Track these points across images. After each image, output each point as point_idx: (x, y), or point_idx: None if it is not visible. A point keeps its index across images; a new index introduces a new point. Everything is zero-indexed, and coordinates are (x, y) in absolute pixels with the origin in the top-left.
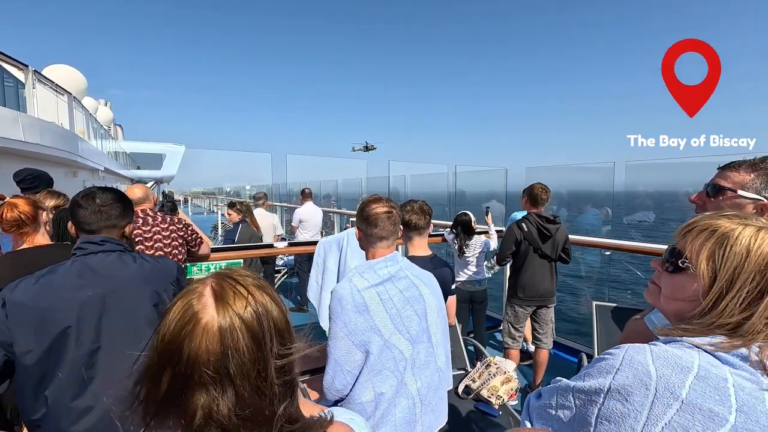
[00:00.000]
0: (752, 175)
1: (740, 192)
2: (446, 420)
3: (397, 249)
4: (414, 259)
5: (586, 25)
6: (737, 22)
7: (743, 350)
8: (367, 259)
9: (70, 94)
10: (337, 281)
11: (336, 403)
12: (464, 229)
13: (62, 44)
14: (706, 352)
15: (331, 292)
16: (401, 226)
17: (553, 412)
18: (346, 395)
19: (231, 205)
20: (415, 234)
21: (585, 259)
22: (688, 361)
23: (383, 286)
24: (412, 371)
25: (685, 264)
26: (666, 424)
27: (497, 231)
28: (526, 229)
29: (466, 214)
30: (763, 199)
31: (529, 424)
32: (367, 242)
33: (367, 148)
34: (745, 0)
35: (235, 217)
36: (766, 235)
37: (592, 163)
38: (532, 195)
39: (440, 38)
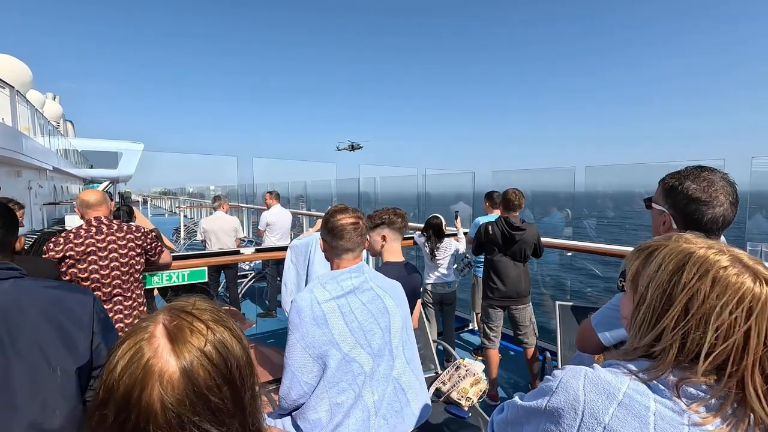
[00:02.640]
0: (659, 188)
1: (653, 204)
2: None
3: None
4: (389, 265)
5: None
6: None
7: (671, 378)
8: (331, 269)
9: (12, 87)
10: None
11: (291, 413)
12: (435, 233)
13: (3, 32)
14: (638, 378)
15: (291, 302)
16: (382, 227)
17: (505, 427)
18: (302, 403)
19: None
20: (392, 234)
21: (547, 259)
22: (616, 388)
23: (345, 299)
24: (370, 384)
25: (622, 283)
26: None
27: (465, 233)
28: (491, 232)
29: (438, 218)
30: (665, 210)
31: None
32: (332, 254)
33: (353, 147)
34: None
35: None
36: (680, 253)
37: (555, 167)
38: (505, 199)
39: (409, 46)
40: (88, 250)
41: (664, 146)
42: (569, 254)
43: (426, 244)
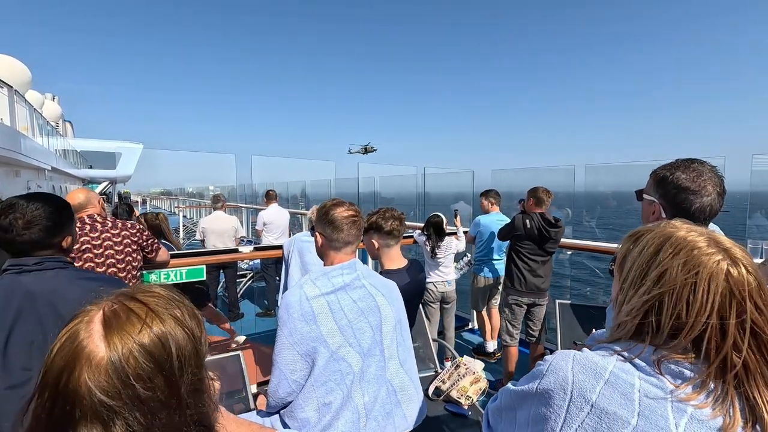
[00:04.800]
0: (650, 179)
1: (644, 195)
2: None
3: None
4: (389, 273)
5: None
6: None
7: (653, 357)
8: (324, 266)
9: (11, 87)
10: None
11: (279, 411)
12: (436, 231)
13: (2, 33)
14: (623, 358)
15: (281, 299)
16: (370, 233)
17: (500, 414)
18: (290, 402)
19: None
20: (393, 241)
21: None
22: (602, 367)
23: (335, 295)
24: (360, 385)
25: (611, 267)
26: (579, 425)
27: (465, 232)
28: (528, 227)
29: (438, 216)
30: (654, 200)
31: (486, 427)
32: (329, 247)
33: (366, 150)
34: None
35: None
36: (662, 236)
37: (555, 165)
38: (537, 197)
39: (408, 45)
40: (83, 247)
41: (664, 146)
42: (569, 253)
43: (427, 243)
